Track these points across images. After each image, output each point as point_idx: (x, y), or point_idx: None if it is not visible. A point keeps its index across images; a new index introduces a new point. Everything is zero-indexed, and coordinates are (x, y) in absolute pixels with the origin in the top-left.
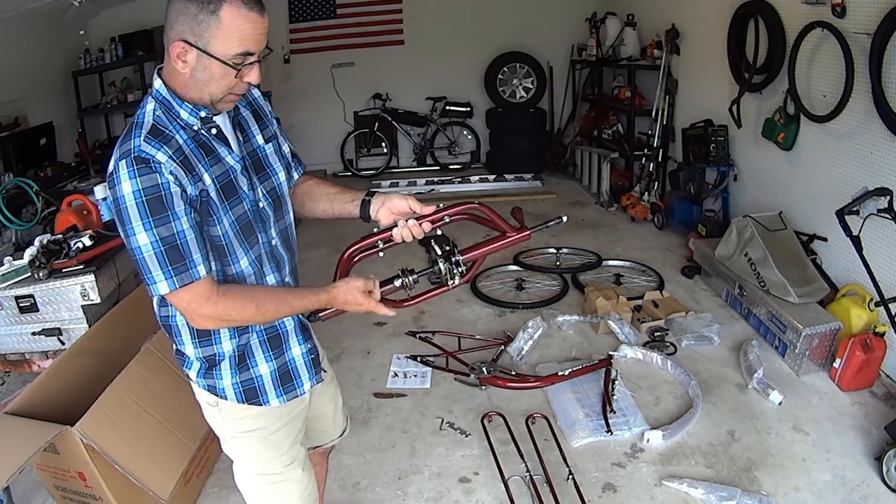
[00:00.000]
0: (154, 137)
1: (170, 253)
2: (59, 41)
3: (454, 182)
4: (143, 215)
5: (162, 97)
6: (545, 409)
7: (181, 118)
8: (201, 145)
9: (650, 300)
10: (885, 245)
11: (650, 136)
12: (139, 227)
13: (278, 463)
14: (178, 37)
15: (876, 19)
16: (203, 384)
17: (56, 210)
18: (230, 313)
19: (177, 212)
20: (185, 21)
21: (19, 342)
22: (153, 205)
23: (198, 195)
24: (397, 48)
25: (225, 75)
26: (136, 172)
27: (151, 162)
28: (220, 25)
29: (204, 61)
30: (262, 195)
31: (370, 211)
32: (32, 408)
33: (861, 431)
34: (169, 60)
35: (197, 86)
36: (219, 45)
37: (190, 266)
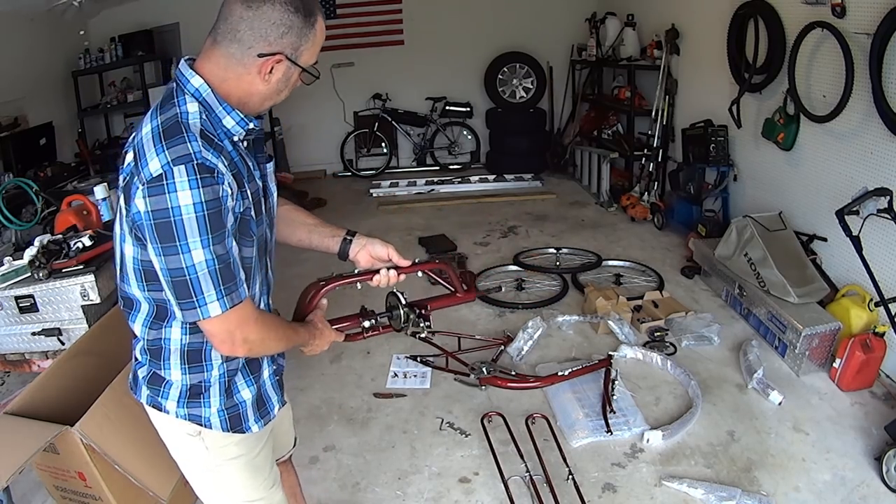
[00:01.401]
0: (210, 145)
1: (223, 272)
2: (59, 41)
3: (454, 182)
4: (202, 231)
5: (203, 99)
6: (545, 409)
7: (223, 125)
8: (241, 157)
9: (650, 300)
10: (885, 245)
11: (650, 136)
12: (196, 244)
13: (262, 487)
14: (276, 50)
15: (876, 19)
16: (183, 414)
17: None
18: (268, 339)
19: (229, 229)
20: (289, 36)
21: (19, 342)
22: (213, 220)
23: (241, 213)
24: (397, 48)
25: (291, 85)
26: (200, 182)
27: (216, 172)
28: (314, 38)
29: (290, 72)
30: (268, 218)
31: (349, 251)
32: (32, 408)
33: (861, 431)
34: (249, 67)
35: (269, 95)
36: (307, 55)
37: (238, 285)
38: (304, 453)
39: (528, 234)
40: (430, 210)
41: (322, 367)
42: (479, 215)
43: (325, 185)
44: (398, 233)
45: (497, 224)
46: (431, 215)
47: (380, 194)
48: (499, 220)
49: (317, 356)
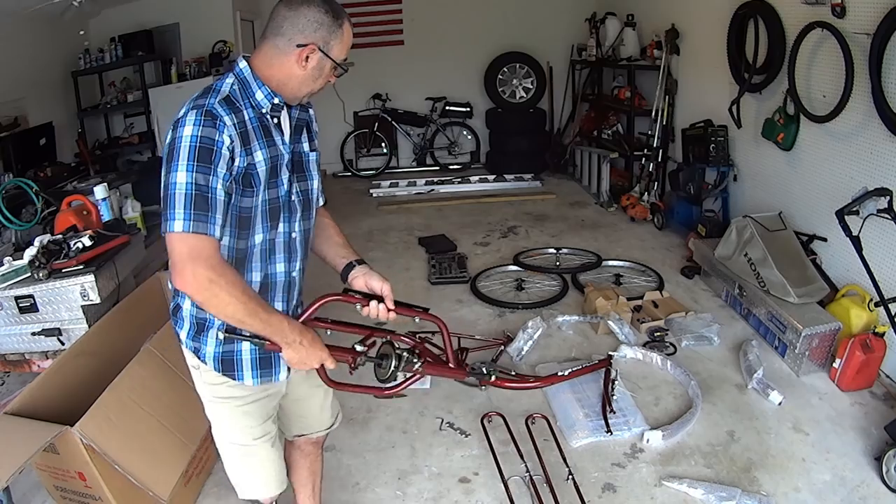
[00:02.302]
0: (226, 104)
1: (198, 199)
2: (59, 41)
3: (454, 182)
4: (190, 157)
5: (243, 76)
6: (545, 409)
7: (254, 97)
8: (263, 126)
9: (650, 300)
10: (884, 245)
11: (650, 137)
12: (182, 166)
13: (249, 435)
14: (311, 41)
15: (876, 19)
16: (190, 346)
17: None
18: (219, 289)
19: (218, 171)
20: (321, 29)
21: (19, 342)
22: (202, 153)
23: (244, 167)
24: (397, 48)
25: (326, 75)
26: (202, 122)
27: (217, 119)
28: (340, 36)
29: (322, 63)
30: (296, 191)
31: (349, 275)
32: (32, 408)
33: (861, 432)
34: (287, 56)
35: (306, 80)
36: (336, 50)
37: (210, 221)
38: None
39: (527, 234)
40: (429, 210)
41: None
42: (479, 215)
43: (324, 185)
44: (398, 233)
45: (497, 224)
46: (431, 215)
47: (380, 194)
48: (499, 220)
49: None
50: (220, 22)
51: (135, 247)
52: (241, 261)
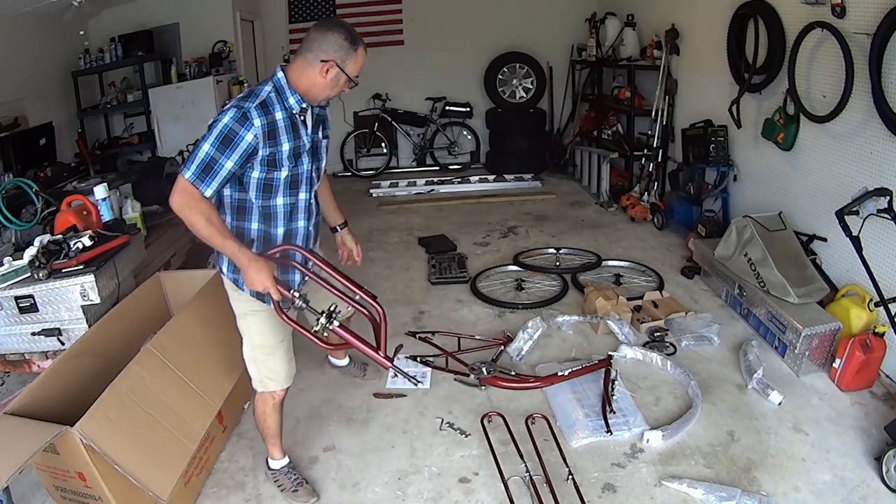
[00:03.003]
0: (261, 108)
1: (208, 166)
2: (59, 41)
3: (454, 182)
4: (217, 138)
5: (280, 85)
6: (545, 409)
7: (287, 102)
8: (292, 123)
9: (650, 300)
10: (884, 245)
11: (650, 137)
12: (210, 141)
13: (272, 338)
14: (331, 58)
15: (876, 19)
16: (230, 276)
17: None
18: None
19: (232, 156)
20: (339, 51)
21: (19, 342)
22: (226, 139)
23: (268, 154)
24: (397, 48)
25: (341, 86)
26: (236, 118)
27: (248, 120)
28: (355, 56)
29: (338, 76)
30: (315, 168)
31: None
32: (32, 408)
33: (861, 432)
34: (313, 68)
35: (325, 88)
36: (350, 68)
37: (206, 183)
38: (303, 453)
39: (527, 234)
40: (429, 210)
41: (322, 368)
42: (479, 215)
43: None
44: (398, 233)
45: (497, 224)
46: (431, 215)
47: (380, 194)
48: (499, 220)
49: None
50: (220, 22)
51: (135, 247)
52: (268, 216)
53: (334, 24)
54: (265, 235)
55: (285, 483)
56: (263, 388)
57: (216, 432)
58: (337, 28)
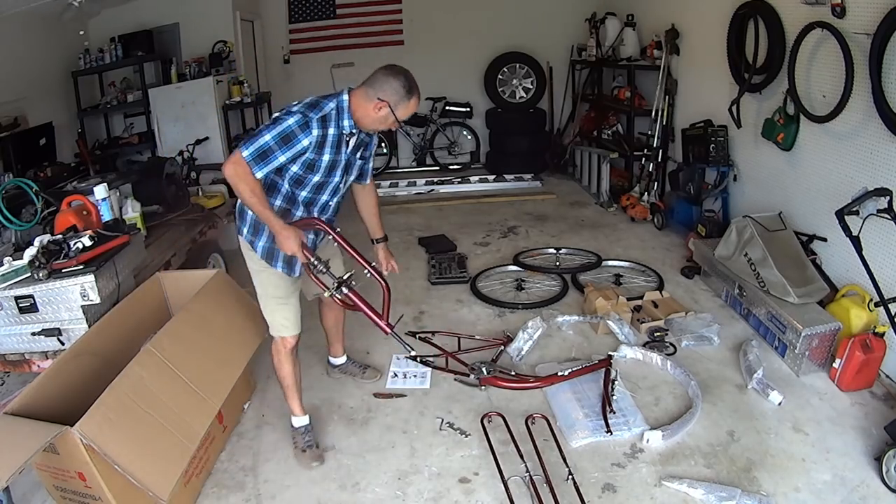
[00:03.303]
0: (321, 122)
1: (264, 153)
2: (59, 41)
3: (454, 182)
4: (280, 133)
5: (342, 106)
6: (545, 409)
7: (342, 123)
8: (338, 141)
9: (650, 300)
10: (884, 245)
11: (650, 137)
12: (272, 133)
13: (283, 290)
14: (386, 98)
15: (876, 19)
16: (248, 238)
17: (56, 210)
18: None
19: (287, 153)
20: (393, 94)
21: (19, 342)
22: (286, 137)
23: (311, 159)
24: (397, 48)
25: (388, 124)
26: (299, 123)
27: (307, 128)
28: (407, 104)
29: (388, 114)
30: (343, 181)
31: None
32: (32, 408)
33: (861, 432)
34: (369, 102)
35: (374, 121)
36: (400, 111)
37: (260, 166)
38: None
39: (527, 234)
40: (429, 210)
41: (322, 367)
42: (479, 215)
43: None
44: (398, 233)
45: (497, 224)
46: (431, 215)
47: (380, 194)
48: (499, 220)
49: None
50: (220, 22)
51: (135, 247)
52: (291, 200)
53: (399, 72)
54: (283, 213)
55: (299, 441)
56: (279, 333)
57: (216, 432)
58: (400, 76)
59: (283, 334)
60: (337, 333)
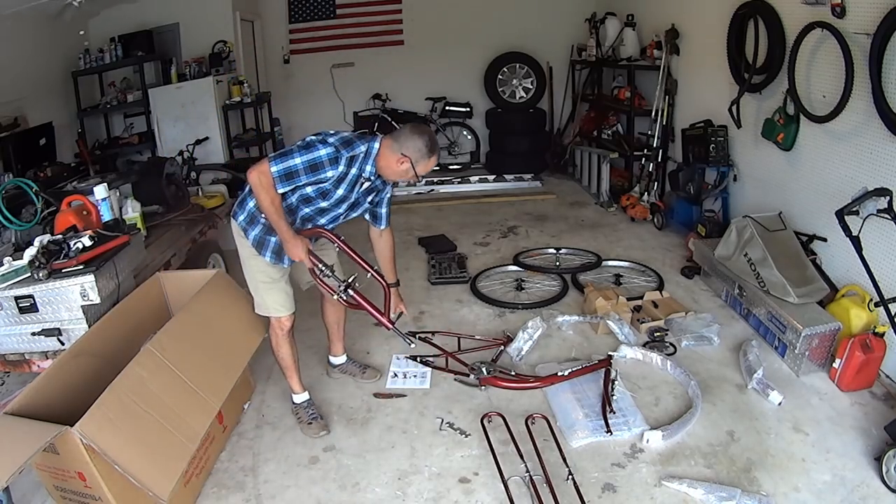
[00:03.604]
0: (349, 161)
1: (291, 173)
2: (59, 41)
3: (454, 182)
4: (310, 161)
5: (371, 153)
6: (545, 409)
7: (365, 167)
8: (355, 180)
9: (650, 300)
10: (884, 245)
11: (650, 137)
12: (303, 160)
13: (271, 276)
14: (409, 155)
15: (876, 19)
16: (242, 225)
17: (56, 210)
18: (263, 194)
19: (310, 177)
20: (415, 152)
21: (19, 342)
22: (315, 165)
23: (326, 188)
24: (397, 48)
25: (408, 177)
26: (329, 156)
27: (336, 163)
28: (427, 162)
29: (409, 169)
30: (345, 214)
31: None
32: (32, 408)
33: (861, 432)
34: (393, 155)
35: (395, 173)
36: (420, 167)
37: (284, 184)
38: (303, 453)
39: (527, 234)
40: (429, 210)
41: (322, 367)
42: (479, 215)
43: None
44: (398, 233)
45: (497, 224)
46: (431, 215)
47: None
48: (499, 220)
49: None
50: (220, 22)
51: (135, 247)
52: (293, 212)
53: (424, 132)
54: (267, 226)
55: (302, 415)
56: (272, 313)
57: (216, 432)
58: (424, 136)
59: (276, 315)
60: (338, 331)
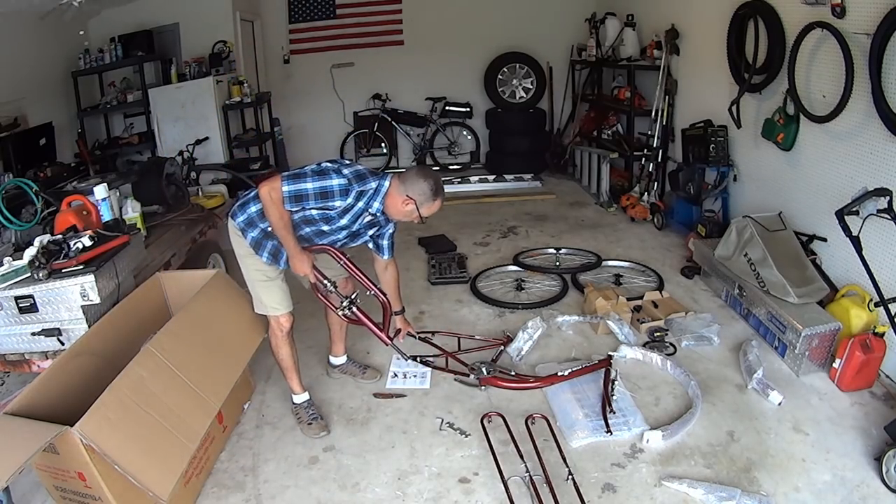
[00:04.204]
0: (358, 194)
1: (300, 196)
2: (59, 41)
3: (454, 182)
4: (322, 188)
5: (381, 191)
6: (545, 409)
7: (372, 204)
8: (360, 214)
9: (650, 300)
10: (884, 245)
11: (650, 137)
12: (315, 187)
13: (267, 275)
14: (414, 197)
15: (876, 19)
16: (241, 226)
17: (56, 210)
18: (272, 210)
19: (318, 203)
20: (420, 195)
21: (19, 342)
22: (325, 193)
23: (330, 215)
24: (397, 48)
25: (412, 218)
26: (340, 188)
27: (346, 195)
28: (431, 204)
29: (413, 210)
30: (343, 242)
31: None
32: (32, 408)
33: (861, 432)
34: (400, 195)
35: (400, 213)
36: (424, 210)
37: (292, 204)
38: (303, 453)
39: (527, 234)
40: None
41: (322, 367)
42: (479, 215)
43: None
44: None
45: (497, 224)
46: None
47: None
48: (498, 220)
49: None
50: (220, 22)
51: (135, 247)
52: (294, 229)
53: (429, 175)
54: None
55: (303, 416)
56: (270, 312)
57: (216, 432)
58: (430, 179)
59: (273, 313)
60: (340, 331)
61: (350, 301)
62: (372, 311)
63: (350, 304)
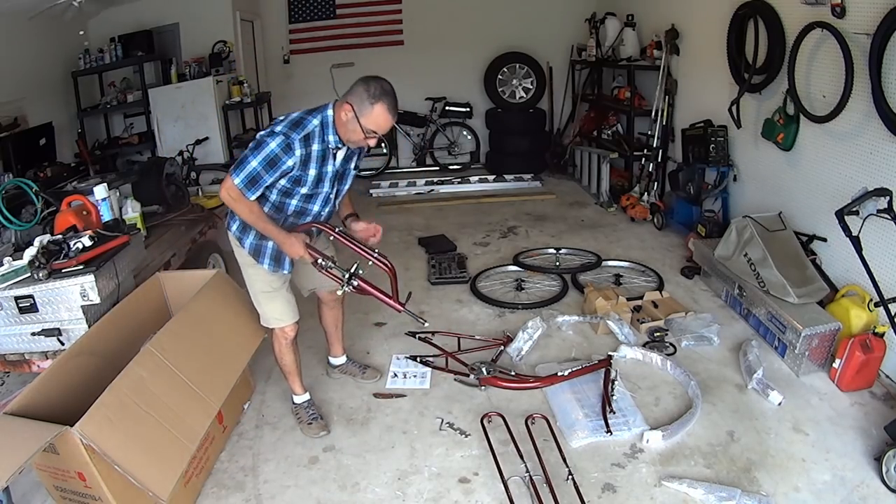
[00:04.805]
0: (304, 141)
1: (253, 178)
2: (59, 41)
3: (454, 182)
4: (265, 158)
5: (327, 122)
6: (545, 409)
7: (327, 138)
8: (324, 155)
9: (650, 300)
10: (884, 245)
11: (650, 137)
12: (258, 158)
13: (270, 286)
14: (350, 103)
15: (876, 19)
16: (236, 234)
17: (56, 210)
18: (239, 208)
19: (273, 173)
20: (358, 99)
21: (19, 342)
22: (272, 161)
23: (297, 175)
24: (397, 48)
25: (358, 133)
26: (282, 146)
27: (290, 150)
28: (371, 112)
29: (353, 119)
30: (334, 190)
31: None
32: (32, 408)
33: (861, 432)
34: (340, 108)
35: (346, 131)
36: (364, 119)
37: (252, 190)
38: (303, 453)
39: (527, 234)
40: (429, 210)
41: (322, 368)
42: (479, 215)
43: None
44: (398, 233)
45: (497, 224)
46: (431, 215)
47: (379, 194)
48: (498, 220)
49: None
50: (220, 22)
51: (135, 247)
52: (280, 209)
53: (369, 79)
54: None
55: (303, 416)
56: (273, 324)
57: (216, 432)
58: (369, 83)
59: (278, 325)
60: (336, 333)
61: (351, 274)
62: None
63: (351, 277)
